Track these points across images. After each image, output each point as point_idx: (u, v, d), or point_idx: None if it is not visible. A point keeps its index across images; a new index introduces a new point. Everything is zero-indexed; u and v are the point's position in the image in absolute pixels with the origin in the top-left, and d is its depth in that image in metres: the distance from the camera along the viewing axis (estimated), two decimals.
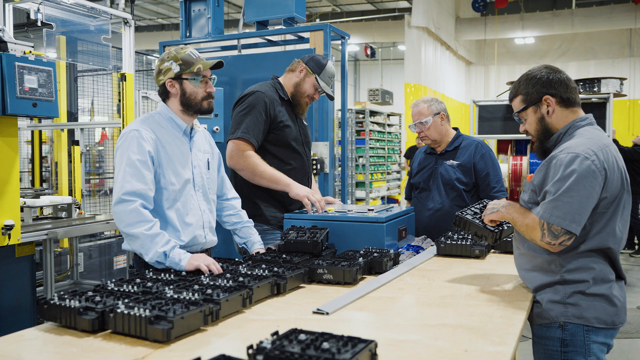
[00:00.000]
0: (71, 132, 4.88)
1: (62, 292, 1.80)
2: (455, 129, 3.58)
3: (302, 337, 1.39)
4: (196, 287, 1.91)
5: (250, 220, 2.83)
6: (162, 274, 2.11)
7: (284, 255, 2.50)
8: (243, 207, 3.06)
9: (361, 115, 10.61)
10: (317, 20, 16.50)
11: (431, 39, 15.21)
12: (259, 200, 3.09)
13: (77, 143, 4.72)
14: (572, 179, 1.91)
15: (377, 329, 1.72)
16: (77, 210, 4.18)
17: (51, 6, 3.54)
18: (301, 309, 1.93)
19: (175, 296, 1.79)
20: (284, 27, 5.05)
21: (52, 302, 1.72)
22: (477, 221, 2.34)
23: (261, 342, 1.34)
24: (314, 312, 1.87)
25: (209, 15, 5.38)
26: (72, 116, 5.17)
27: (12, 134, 3.26)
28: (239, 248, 2.83)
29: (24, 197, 4.24)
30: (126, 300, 1.72)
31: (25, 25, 3.90)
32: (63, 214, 4.12)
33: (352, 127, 10.50)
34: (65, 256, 4.81)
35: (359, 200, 10.51)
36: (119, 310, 1.62)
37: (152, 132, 2.35)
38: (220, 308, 1.75)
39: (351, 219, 2.80)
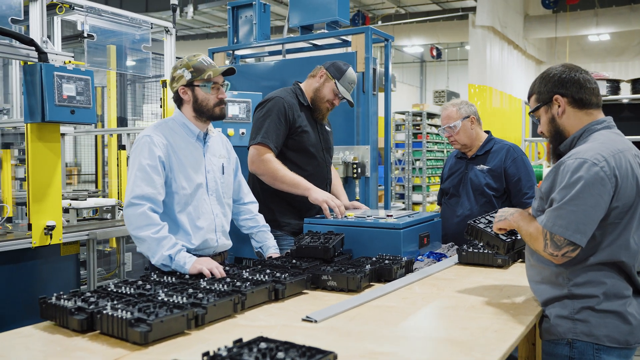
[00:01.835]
0: (121, 137, 5.11)
1: (61, 292, 1.88)
2: (487, 132, 3.45)
3: (263, 345, 1.38)
4: (190, 290, 1.94)
5: (267, 224, 2.85)
6: (165, 277, 2.16)
7: (293, 261, 2.50)
8: (258, 212, 3.08)
9: (418, 118, 10.43)
10: (379, 23, 16.40)
11: (497, 38, 14.75)
12: (275, 207, 3.11)
13: (123, 147, 4.94)
14: (579, 186, 1.79)
15: (360, 339, 1.68)
16: (121, 212, 4.35)
17: (94, 17, 3.71)
18: (295, 315, 1.91)
19: (166, 299, 1.82)
20: (326, 31, 5.06)
21: (49, 301, 1.81)
22: (490, 230, 2.24)
23: (219, 350, 1.34)
24: (303, 320, 1.85)
25: (255, 21, 5.47)
26: (123, 121, 5.42)
27: (55, 140, 3.44)
28: (256, 252, 2.85)
29: (76, 199, 4.47)
30: (115, 302, 1.77)
31: (79, 36, 4.11)
32: (108, 215, 4.31)
33: (408, 130, 10.34)
34: (114, 255, 5.03)
35: (415, 204, 10.34)
36: (104, 312, 1.67)
37: (164, 137, 2.41)
38: (206, 312, 1.77)
39: (368, 224, 2.76)
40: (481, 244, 2.33)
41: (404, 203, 10.27)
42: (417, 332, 1.73)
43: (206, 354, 1.31)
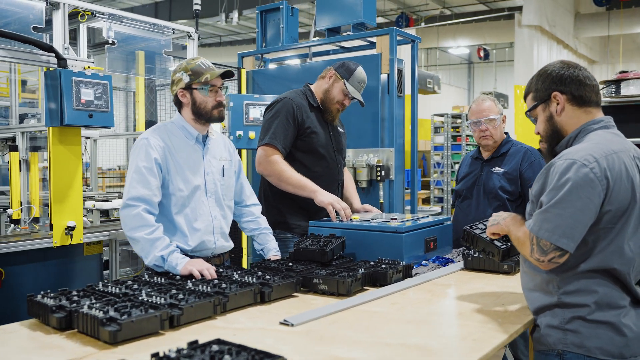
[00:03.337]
0: None
1: (48, 291, 1.93)
2: (506, 133, 3.33)
3: (215, 348, 1.37)
4: (174, 291, 1.95)
5: (268, 227, 2.85)
6: (156, 277, 2.19)
7: (290, 263, 2.48)
8: (268, 214, 3.08)
9: (458, 120, 10.21)
10: (422, 24, 16.21)
11: (545, 38, 14.32)
12: (284, 208, 3.10)
13: None
14: (566, 188, 1.70)
15: (330, 344, 1.64)
16: None
17: (117, 24, 3.82)
18: (276, 318, 1.89)
19: (146, 299, 1.84)
20: (351, 33, 5.04)
21: (34, 299, 1.86)
22: (485, 236, 2.15)
23: (169, 351, 1.34)
24: (281, 323, 1.83)
25: (282, 24, 5.51)
26: (152, 125, 5.53)
27: (76, 143, 3.55)
28: (258, 254, 2.85)
29: (106, 201, 4.61)
30: (94, 301, 1.80)
31: (105, 43, 4.23)
32: None
33: (447, 132, 10.15)
34: None
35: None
36: (81, 311, 1.70)
37: (161, 140, 2.44)
38: (182, 314, 1.78)
39: (371, 228, 2.71)
40: (478, 250, 2.24)
41: (442, 207, 10.08)
42: (392, 339, 1.68)
43: (155, 354, 1.32)
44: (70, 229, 3.52)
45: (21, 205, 3.93)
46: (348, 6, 5.04)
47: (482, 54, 20.40)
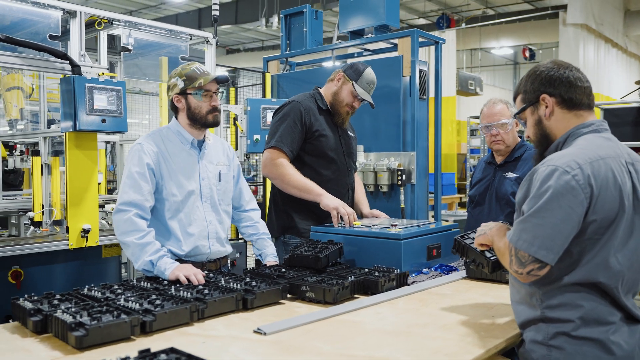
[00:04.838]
0: None
1: (33, 294, 1.97)
2: (520, 136, 3.21)
3: (163, 357, 1.35)
4: (153, 296, 1.95)
5: (267, 232, 2.82)
6: (143, 282, 2.20)
7: (282, 270, 2.45)
8: (277, 218, 3.05)
9: None
10: (463, 25, 15.90)
11: (591, 37, 13.79)
12: (293, 212, 3.06)
13: None
14: (546, 196, 1.60)
15: (297, 355, 1.60)
16: None
17: (135, 31, 3.89)
18: (253, 326, 1.86)
19: (124, 305, 1.85)
20: (373, 36, 4.98)
21: (16, 302, 1.89)
22: (475, 246, 2.06)
23: (117, 358, 1.33)
24: (254, 332, 1.80)
25: (306, 28, 5.50)
26: None
27: (92, 147, 3.63)
28: (256, 259, 2.84)
29: None
30: (71, 305, 1.82)
31: (124, 49, 4.31)
32: None
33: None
34: None
35: None
36: (54, 315, 1.72)
37: (155, 145, 2.46)
38: (155, 319, 1.77)
39: (370, 234, 2.66)
40: (469, 261, 2.15)
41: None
42: (361, 351, 1.62)
43: None
44: (85, 232, 3.60)
45: (42, 208, 4.04)
46: (371, 9, 4.99)
47: (527, 54, 19.86)
